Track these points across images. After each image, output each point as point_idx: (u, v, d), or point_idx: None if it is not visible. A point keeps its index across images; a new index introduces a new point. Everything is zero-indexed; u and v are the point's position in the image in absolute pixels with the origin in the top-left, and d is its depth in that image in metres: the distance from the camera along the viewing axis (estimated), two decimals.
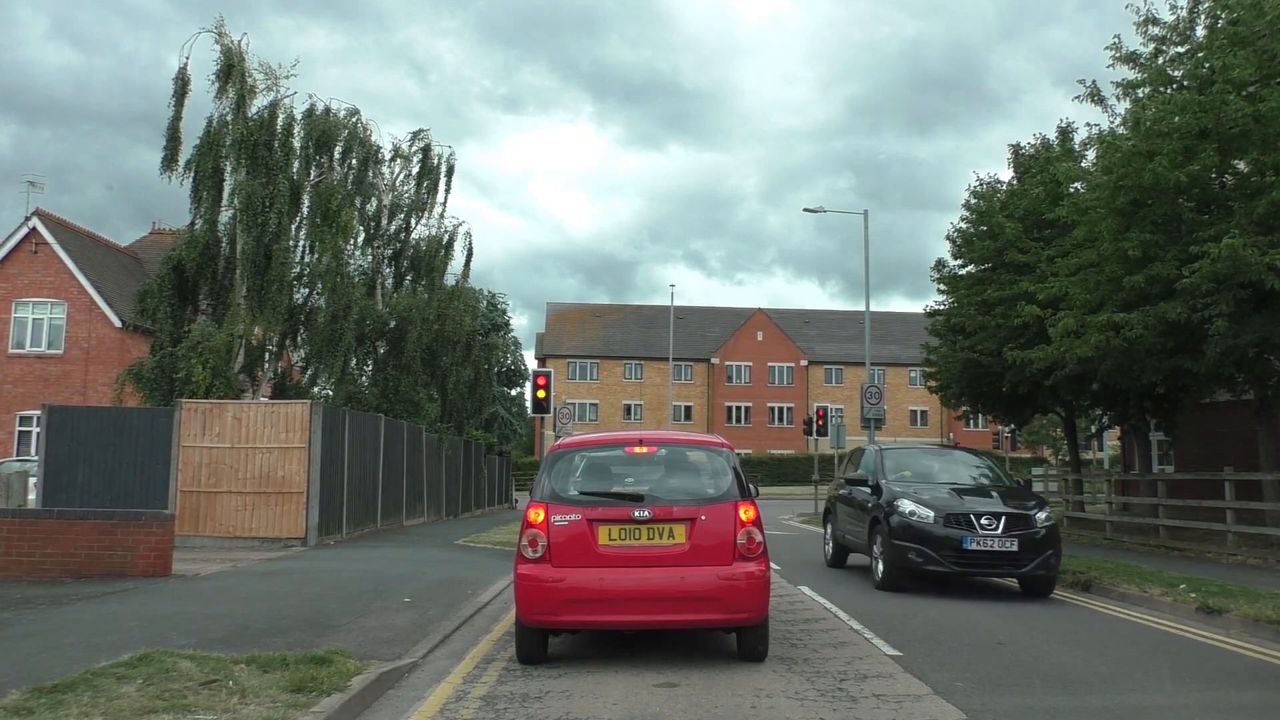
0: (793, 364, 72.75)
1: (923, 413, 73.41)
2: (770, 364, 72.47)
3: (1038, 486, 29.60)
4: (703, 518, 7.08)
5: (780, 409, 72.44)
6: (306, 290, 21.95)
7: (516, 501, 40.17)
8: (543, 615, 6.97)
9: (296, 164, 22.63)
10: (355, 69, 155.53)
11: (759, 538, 7.09)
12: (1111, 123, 17.39)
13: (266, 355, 21.47)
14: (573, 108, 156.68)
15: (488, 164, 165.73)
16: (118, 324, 27.93)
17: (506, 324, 45.50)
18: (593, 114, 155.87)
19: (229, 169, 20.16)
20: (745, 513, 7.14)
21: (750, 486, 7.50)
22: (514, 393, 46.69)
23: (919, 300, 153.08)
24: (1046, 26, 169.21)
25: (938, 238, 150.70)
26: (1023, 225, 20.02)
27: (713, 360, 71.73)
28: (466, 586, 11.22)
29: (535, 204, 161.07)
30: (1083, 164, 21.49)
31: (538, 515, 7.11)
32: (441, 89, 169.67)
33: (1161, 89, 16.30)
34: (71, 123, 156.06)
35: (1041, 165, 21.08)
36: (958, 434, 68.68)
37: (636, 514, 7.06)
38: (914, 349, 74.30)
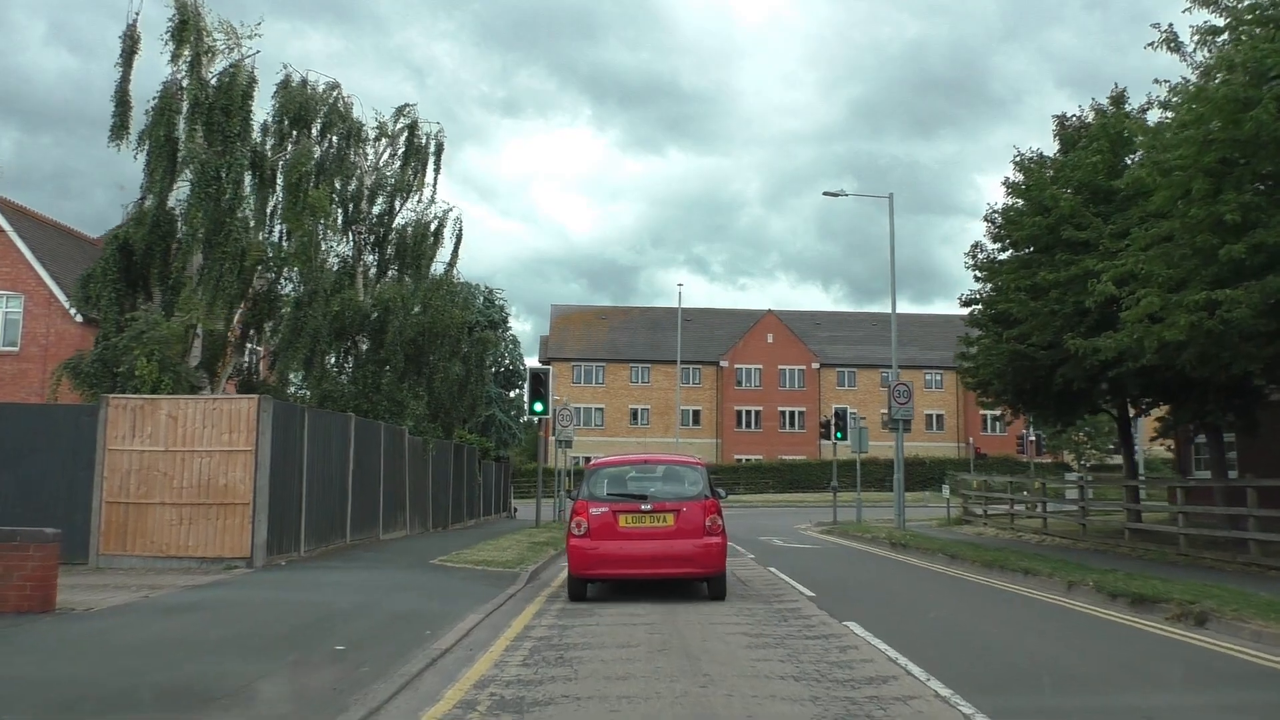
0: (804, 367, 70.27)
1: (939, 416, 70.94)
2: (781, 367, 69.99)
3: (1072, 494, 27.17)
4: (684, 509, 10.87)
5: (791, 413, 69.96)
6: (274, 275, 19.62)
7: (516, 510, 37.76)
8: (586, 570, 10.76)
9: (268, 138, 20.46)
10: (352, 72, 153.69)
11: (720, 522, 10.89)
12: (1193, 71, 14.97)
13: (229, 348, 19.19)
14: (571, 111, 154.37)
15: (487, 168, 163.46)
16: (79, 319, 25.66)
17: (504, 321, 43.05)
18: (591, 117, 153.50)
19: (183, 137, 17.90)
20: (711, 506, 10.97)
21: (718, 491, 11.60)
22: (513, 395, 44.32)
23: (923, 304, 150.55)
24: (1050, 27, 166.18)
25: (941, 242, 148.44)
26: (1080, 198, 17.61)
27: (721, 363, 69.27)
28: (426, 624, 8.88)
29: (536, 208, 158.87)
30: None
31: (582, 508, 10.90)
32: (439, 92, 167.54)
33: (1252, 30, 13.92)
34: (71, 127, 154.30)
35: (1098, 131, 18.67)
36: (977, 439, 66.11)
37: (643, 507, 10.93)
38: (930, 351, 72.01)
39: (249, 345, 20.19)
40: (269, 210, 20.15)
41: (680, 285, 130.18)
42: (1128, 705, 6.24)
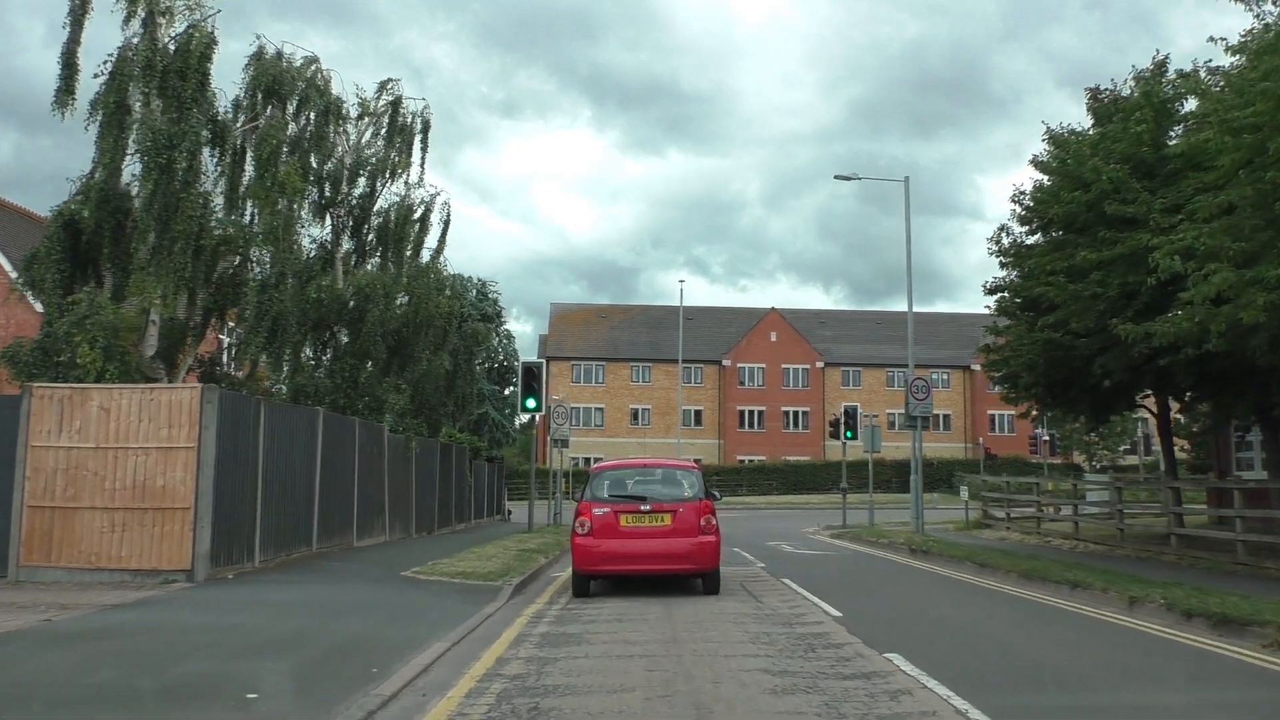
0: (808, 366, 68.57)
1: (946, 417, 69.13)
2: (784, 366, 68.27)
3: (1101, 496, 25.47)
4: (681, 510, 11.51)
5: (795, 413, 68.27)
6: (239, 258, 17.92)
7: (510, 513, 36.08)
8: (589, 566, 11.37)
9: (240, 114, 18.86)
10: (352, 73, 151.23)
11: (714, 522, 11.58)
12: (1258, 22, 13.33)
13: (189, 337, 17.52)
14: (571, 112, 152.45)
15: (487, 169, 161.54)
16: (40, 309, 24.00)
17: (498, 315, 41.35)
18: (591, 118, 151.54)
19: (137, 104, 16.27)
20: (705, 507, 11.60)
21: (713, 493, 12.22)
22: (507, 392, 42.62)
23: (925, 305, 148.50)
24: (1049, 27, 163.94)
25: (941, 243, 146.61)
26: (1125, 170, 15.94)
27: (724, 362, 67.58)
28: (376, 658, 7.23)
29: (536, 210, 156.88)
30: (1189, 103, 17.55)
31: (585, 509, 11.52)
32: (439, 93, 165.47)
33: None
34: (70, 130, 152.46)
35: (1141, 100, 17.02)
36: (986, 440, 64.45)
37: (643, 507, 11.57)
38: (937, 350, 70.14)
39: (217, 335, 18.55)
40: (241, 189, 18.55)
41: (682, 281, 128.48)
42: None
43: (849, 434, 30.08)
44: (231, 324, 18.69)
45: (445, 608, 10.04)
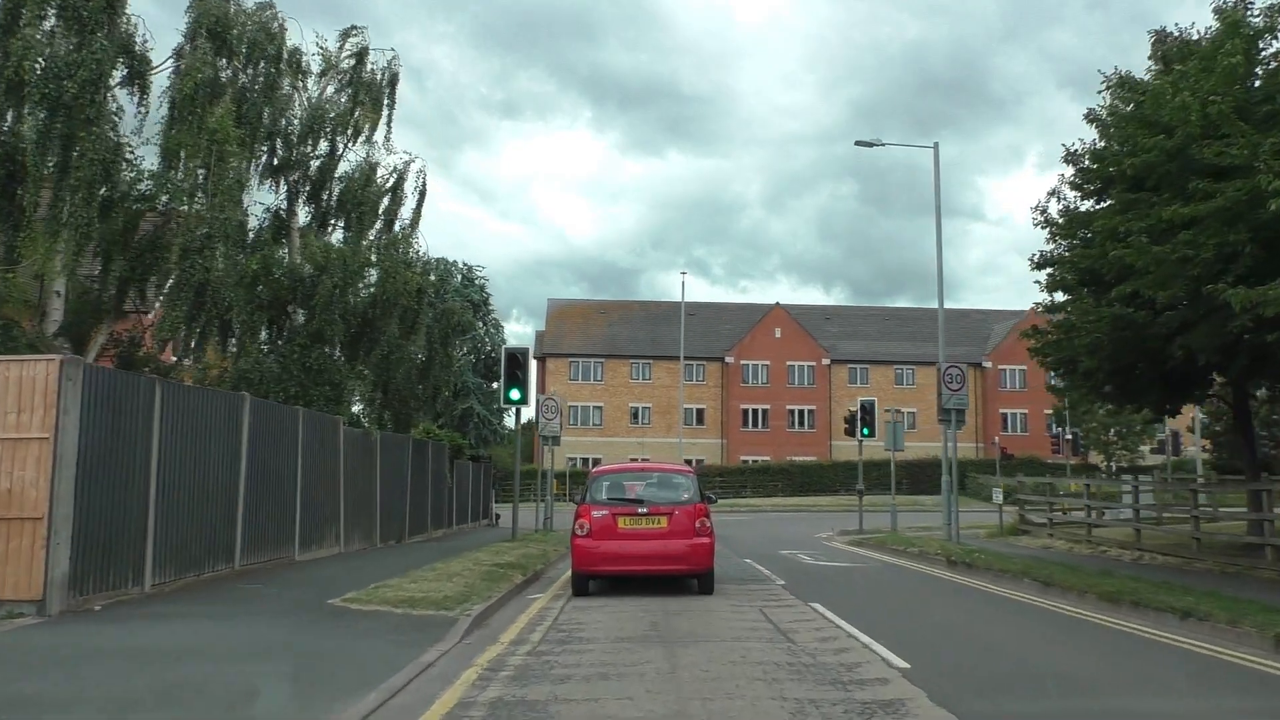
0: (814, 363, 65.76)
1: (955, 414, 66.15)
2: (789, 363, 65.49)
3: (1145, 499, 22.94)
4: (677, 512, 11.94)
5: (800, 411, 65.52)
6: (163, 217, 15.22)
7: (498, 517, 33.35)
8: (588, 566, 11.83)
9: (178, 57, 16.23)
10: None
11: (708, 524, 11.98)
12: None
13: (105, 313, 14.84)
14: (571, 113, 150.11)
15: (487, 171, 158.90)
16: None
17: (486, 302, 38.63)
18: (591, 119, 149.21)
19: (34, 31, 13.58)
20: (700, 510, 12.03)
21: (708, 496, 12.95)
22: (494, 386, 39.93)
23: (928, 304, 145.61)
24: (1050, 27, 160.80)
25: (941, 244, 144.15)
26: (1228, 104, 13.19)
27: (727, 359, 64.83)
28: None
29: (536, 211, 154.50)
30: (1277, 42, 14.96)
31: (584, 511, 11.97)
32: (438, 95, 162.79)
33: None
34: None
35: (1228, 30, 14.31)
36: (1002, 440, 61.68)
37: (640, 510, 11.97)
38: (945, 347, 67.50)
39: (138, 309, 15.84)
40: (181, 150, 15.86)
41: (684, 274, 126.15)
42: None
43: (865, 431, 27.73)
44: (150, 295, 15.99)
45: (367, 656, 7.31)
